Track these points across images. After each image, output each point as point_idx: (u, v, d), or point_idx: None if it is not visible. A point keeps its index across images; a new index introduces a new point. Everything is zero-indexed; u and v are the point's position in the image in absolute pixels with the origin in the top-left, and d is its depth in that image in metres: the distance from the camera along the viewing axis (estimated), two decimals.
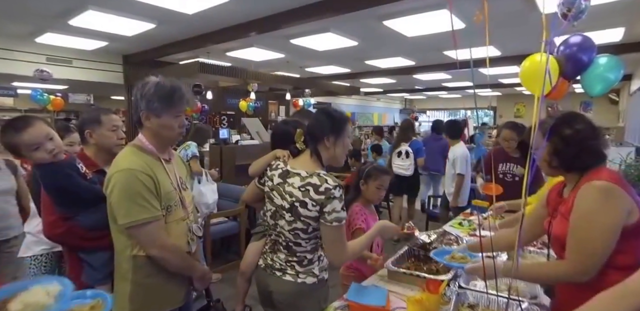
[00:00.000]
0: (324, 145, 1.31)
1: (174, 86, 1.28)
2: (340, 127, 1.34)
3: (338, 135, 1.32)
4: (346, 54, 6.69)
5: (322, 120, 1.33)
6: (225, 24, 5.07)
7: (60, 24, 4.82)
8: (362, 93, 11.76)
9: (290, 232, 1.27)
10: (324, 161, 1.34)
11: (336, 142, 1.32)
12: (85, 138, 1.58)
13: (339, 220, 1.20)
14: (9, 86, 7.37)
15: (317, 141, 1.31)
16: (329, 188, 1.19)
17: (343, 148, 1.35)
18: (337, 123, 1.33)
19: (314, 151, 1.31)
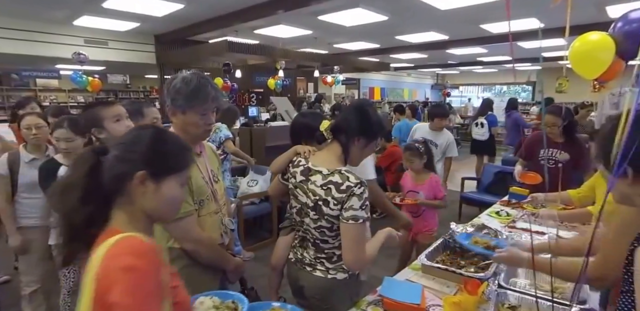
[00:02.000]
0: (354, 144, 1.27)
1: (200, 84, 1.23)
2: (375, 133, 1.29)
3: (369, 140, 1.28)
4: (375, 29, 6.41)
5: (358, 120, 1.27)
6: (253, 2, 4.96)
7: (95, 6, 4.90)
8: (392, 68, 11.34)
9: (316, 230, 1.26)
10: (351, 158, 1.30)
11: (366, 146, 1.28)
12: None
13: (356, 219, 1.14)
14: (53, 68, 7.70)
15: (349, 138, 1.26)
16: (351, 186, 1.16)
17: (368, 153, 1.31)
18: (372, 127, 1.27)
19: (344, 147, 1.26)
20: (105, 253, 0.65)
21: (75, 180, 0.72)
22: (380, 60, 9.82)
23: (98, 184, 0.72)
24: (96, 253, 0.67)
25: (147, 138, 0.77)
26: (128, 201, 0.74)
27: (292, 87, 10.17)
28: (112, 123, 1.53)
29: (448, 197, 5.11)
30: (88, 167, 0.73)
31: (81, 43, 6.19)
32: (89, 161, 0.74)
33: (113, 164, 0.73)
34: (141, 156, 0.74)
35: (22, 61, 6.94)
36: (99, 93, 9.30)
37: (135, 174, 0.72)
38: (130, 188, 0.73)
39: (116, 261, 0.64)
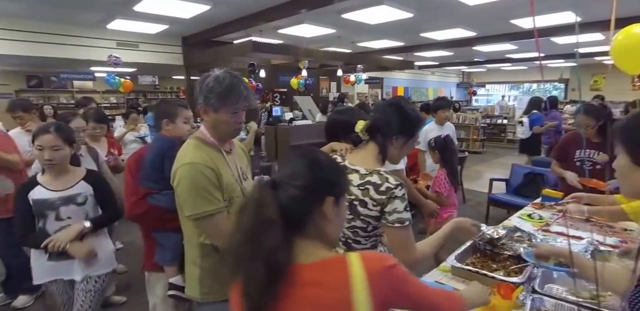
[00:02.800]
0: (392, 144, 1.25)
1: (233, 83, 1.25)
2: (413, 130, 1.26)
3: (408, 137, 1.25)
4: (400, 26, 6.32)
5: (396, 117, 1.24)
6: (277, 2, 5.00)
7: (127, 10, 5.09)
8: (416, 67, 11.14)
9: (349, 230, 1.25)
10: (388, 158, 1.28)
11: (405, 144, 1.25)
12: (161, 126, 1.68)
13: (402, 222, 1.13)
14: (88, 71, 8.08)
15: (386, 137, 1.24)
16: (391, 188, 1.13)
17: (407, 151, 1.28)
18: (411, 124, 1.25)
19: (382, 147, 1.24)
20: (364, 270, 0.68)
21: (270, 217, 0.68)
22: (404, 59, 9.67)
23: (286, 218, 0.70)
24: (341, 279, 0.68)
25: (332, 165, 0.80)
26: (314, 229, 0.75)
27: (315, 86, 10.19)
28: (181, 122, 1.66)
29: (475, 198, 5.03)
30: (276, 202, 0.70)
31: (114, 46, 6.45)
32: (271, 195, 0.71)
33: (301, 195, 0.72)
34: (328, 183, 0.76)
35: (60, 64, 7.31)
36: (129, 94, 9.66)
37: (325, 200, 0.74)
38: (315, 217, 0.74)
39: (378, 267, 0.70)
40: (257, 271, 0.66)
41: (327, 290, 0.68)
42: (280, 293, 0.67)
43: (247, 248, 0.67)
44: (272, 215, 0.68)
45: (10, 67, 8.59)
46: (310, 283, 0.69)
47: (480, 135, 9.33)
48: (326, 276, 0.70)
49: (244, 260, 0.68)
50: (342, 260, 0.71)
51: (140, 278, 2.90)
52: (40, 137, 1.58)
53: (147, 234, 1.67)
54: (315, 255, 0.73)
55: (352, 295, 0.67)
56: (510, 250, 1.52)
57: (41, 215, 1.63)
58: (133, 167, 1.65)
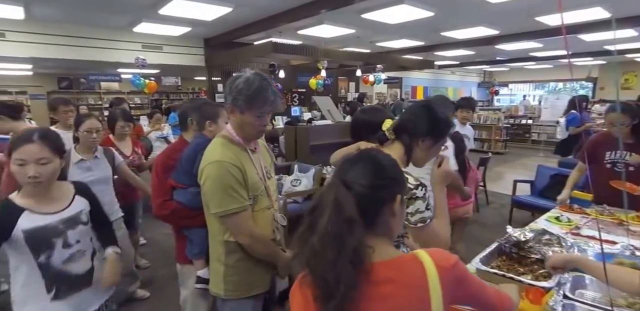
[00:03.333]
0: (418, 146, 1.23)
1: (262, 86, 1.26)
2: (442, 133, 1.24)
3: (436, 140, 1.23)
4: (420, 25, 6.24)
5: (425, 119, 1.22)
6: (297, 3, 5.04)
7: (153, 13, 5.24)
8: (436, 66, 10.98)
9: None
10: (412, 160, 1.25)
11: (432, 147, 1.23)
12: (204, 127, 1.71)
13: (424, 221, 1.13)
14: (115, 72, 8.37)
15: (412, 138, 1.22)
16: (410, 188, 1.12)
17: (433, 154, 1.26)
18: (440, 127, 1.22)
19: (407, 148, 1.22)
20: (436, 267, 0.71)
21: (352, 216, 0.69)
22: (423, 58, 9.55)
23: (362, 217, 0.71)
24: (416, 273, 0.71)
25: (393, 164, 0.82)
26: (384, 227, 0.77)
27: (333, 86, 10.19)
28: (223, 123, 1.68)
29: (498, 200, 4.90)
30: (352, 200, 0.72)
31: (139, 48, 6.66)
32: (349, 195, 0.72)
33: (375, 194, 0.75)
34: (396, 182, 0.79)
35: (89, 66, 7.60)
36: (153, 94, 9.94)
37: (396, 198, 0.77)
38: (386, 215, 0.76)
39: (447, 264, 0.72)
40: (346, 271, 0.66)
41: (405, 288, 0.69)
42: (360, 291, 0.67)
43: (331, 249, 0.67)
44: (353, 214, 0.69)
45: (43, 69, 9.01)
46: (387, 281, 0.70)
47: (503, 136, 9.09)
48: (402, 274, 0.71)
49: (329, 262, 0.67)
50: (414, 258, 0.73)
51: (162, 273, 3.01)
52: (21, 147, 1.21)
53: (177, 229, 1.72)
54: (386, 252, 0.74)
55: (429, 292, 0.68)
56: (538, 254, 1.47)
57: (47, 245, 1.27)
58: (159, 168, 1.69)
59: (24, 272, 1.27)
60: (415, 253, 0.74)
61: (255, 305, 1.42)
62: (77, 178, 2.04)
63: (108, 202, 2.26)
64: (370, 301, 0.68)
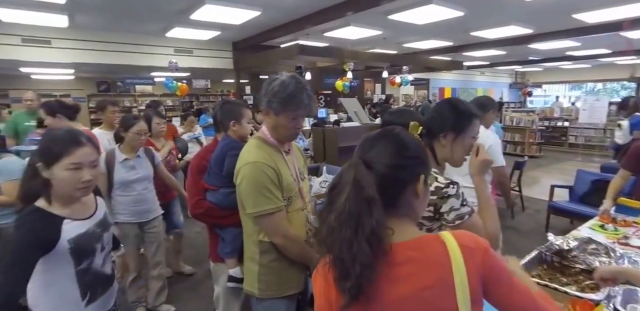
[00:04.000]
0: (440, 143, 1.20)
1: (297, 90, 1.27)
2: (462, 124, 1.19)
3: (458, 132, 1.19)
4: (449, 26, 6.11)
5: (443, 113, 1.20)
6: (323, 5, 5.07)
7: (184, 18, 5.44)
8: (465, 67, 10.70)
9: None
10: (439, 160, 1.23)
11: (455, 140, 1.19)
12: (228, 127, 1.73)
13: (462, 217, 1.10)
14: (149, 76, 8.75)
15: (432, 137, 1.20)
16: (440, 187, 1.10)
17: (463, 149, 1.21)
18: (459, 118, 1.19)
19: (428, 148, 1.20)
20: (460, 248, 0.68)
21: (372, 196, 0.67)
22: (452, 59, 9.33)
23: (382, 197, 0.69)
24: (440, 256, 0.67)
25: (416, 143, 0.79)
26: (406, 207, 0.75)
27: (359, 88, 10.16)
28: (246, 123, 1.73)
29: (533, 205, 4.69)
30: (372, 180, 0.70)
31: (171, 52, 6.93)
32: (369, 174, 0.70)
33: (397, 173, 0.73)
34: (419, 161, 0.77)
35: (126, 70, 7.99)
36: (184, 97, 10.29)
37: (420, 178, 0.75)
38: (408, 195, 0.74)
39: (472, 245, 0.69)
40: (362, 251, 0.64)
41: (427, 268, 0.67)
42: (379, 272, 0.65)
43: (348, 228, 0.66)
44: (373, 194, 0.67)
45: (84, 73, 9.55)
46: (408, 261, 0.68)
47: (537, 139, 8.71)
48: (424, 255, 0.69)
49: (345, 240, 0.65)
50: (437, 238, 0.70)
51: (195, 269, 3.07)
52: (76, 151, 1.12)
53: (211, 228, 1.77)
54: (409, 233, 0.72)
55: (452, 273, 0.66)
56: (583, 264, 1.38)
57: (90, 252, 1.23)
58: (194, 169, 1.75)
59: (59, 283, 1.17)
60: (439, 234, 0.71)
61: (289, 305, 1.42)
62: (122, 177, 2.17)
63: (151, 199, 2.35)
64: (391, 282, 0.66)
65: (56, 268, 1.15)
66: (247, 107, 1.81)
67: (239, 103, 1.88)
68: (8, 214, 2.08)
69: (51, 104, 2.75)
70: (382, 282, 0.66)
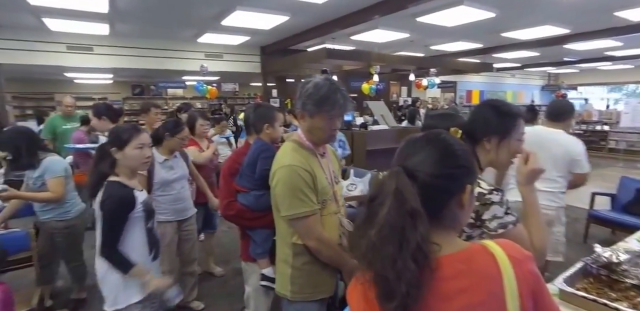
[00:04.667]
0: (483, 147, 1.15)
1: (331, 91, 1.26)
2: (506, 126, 1.14)
3: (503, 136, 1.13)
4: (480, 27, 5.98)
5: (484, 116, 1.14)
6: (351, 9, 5.10)
7: (215, 24, 5.63)
8: (495, 69, 10.42)
9: None
10: (483, 165, 1.18)
11: (500, 143, 1.13)
12: (261, 129, 1.75)
13: (505, 226, 1.04)
14: (180, 80, 9.09)
15: (474, 141, 1.15)
16: (483, 194, 1.05)
17: (508, 153, 1.15)
18: (503, 120, 1.13)
19: (472, 153, 1.15)
20: (509, 259, 0.65)
21: (416, 208, 0.62)
22: (481, 61, 9.10)
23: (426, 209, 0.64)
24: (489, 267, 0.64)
25: (465, 150, 0.72)
26: (450, 218, 0.70)
27: (385, 91, 10.09)
28: (278, 126, 1.75)
29: (571, 213, 4.47)
30: (415, 191, 0.64)
31: (202, 57, 7.16)
32: (411, 185, 0.65)
33: (443, 184, 0.68)
34: (467, 171, 0.71)
35: (159, 74, 8.34)
36: (213, 100, 10.60)
37: (467, 188, 0.69)
38: (453, 206, 0.69)
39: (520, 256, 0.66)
40: (407, 268, 0.59)
41: (477, 282, 0.63)
42: (427, 289, 0.61)
43: (391, 243, 0.61)
44: (417, 206, 0.62)
45: (120, 78, 10.04)
46: (457, 275, 0.64)
47: None
48: (473, 267, 0.64)
49: (388, 257, 0.61)
50: (484, 249, 0.67)
51: (223, 268, 3.14)
52: (139, 135, 1.56)
53: (243, 231, 1.80)
54: (454, 244, 0.68)
55: (503, 286, 0.62)
56: (635, 279, 1.29)
57: (152, 214, 1.63)
58: (227, 172, 1.78)
59: (136, 237, 1.55)
60: (484, 244, 0.67)
61: (320, 309, 1.42)
62: (163, 176, 2.27)
63: (188, 198, 2.44)
64: (440, 299, 0.62)
65: (134, 225, 1.54)
66: (279, 111, 1.83)
67: (272, 106, 1.90)
68: (51, 209, 2.24)
69: (99, 107, 2.92)
70: (430, 299, 0.62)
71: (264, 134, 1.75)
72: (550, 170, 2.16)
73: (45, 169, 2.15)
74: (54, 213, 2.25)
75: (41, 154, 2.19)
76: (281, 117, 1.82)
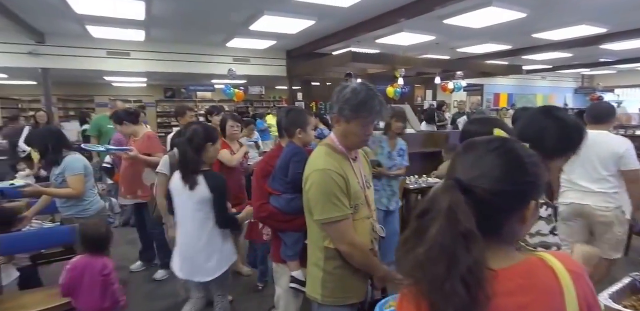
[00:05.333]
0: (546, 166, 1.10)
1: (368, 96, 1.26)
2: (574, 145, 1.05)
3: (569, 156, 1.06)
4: (509, 28, 5.86)
5: (550, 130, 1.04)
6: (377, 13, 5.13)
7: (244, 29, 5.82)
8: (525, 72, 10.12)
9: None
10: None
11: (560, 162, 1.07)
12: (294, 134, 1.75)
13: (547, 246, 0.98)
14: (209, 83, 9.42)
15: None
16: None
17: (558, 169, 1.17)
18: (572, 139, 1.04)
19: None
20: (568, 272, 0.61)
21: (470, 229, 0.57)
22: (510, 63, 8.87)
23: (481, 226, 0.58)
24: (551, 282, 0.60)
25: (536, 162, 0.63)
26: (509, 234, 0.64)
27: (410, 94, 10.01)
28: (310, 130, 1.76)
29: None
30: (471, 210, 0.58)
31: (231, 61, 7.41)
32: (465, 202, 0.58)
33: (503, 202, 0.60)
34: (533, 186, 0.63)
35: (189, 78, 8.68)
36: (240, 103, 10.89)
37: (531, 204, 0.62)
38: (513, 222, 0.63)
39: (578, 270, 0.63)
40: (457, 294, 0.54)
41: (539, 297, 0.59)
42: (484, 308, 0.56)
43: (440, 264, 0.56)
44: (471, 227, 0.56)
45: (154, 81, 10.53)
46: (517, 291, 0.59)
47: None
48: (535, 283, 0.60)
49: (436, 279, 0.56)
50: (543, 263, 0.62)
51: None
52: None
53: (275, 233, 1.82)
54: (510, 258, 0.63)
55: (565, 302, 0.59)
56: None
57: None
58: (259, 174, 1.80)
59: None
60: (542, 257, 0.62)
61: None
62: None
63: None
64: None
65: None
66: (311, 115, 1.84)
67: (304, 111, 1.90)
68: (71, 206, 2.36)
69: (119, 114, 3.06)
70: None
71: (297, 139, 1.75)
72: (599, 170, 2.23)
73: (66, 167, 2.28)
74: (74, 210, 2.37)
75: (65, 153, 2.32)
76: (313, 121, 1.82)
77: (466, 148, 0.66)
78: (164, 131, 10.51)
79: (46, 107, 6.24)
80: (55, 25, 5.54)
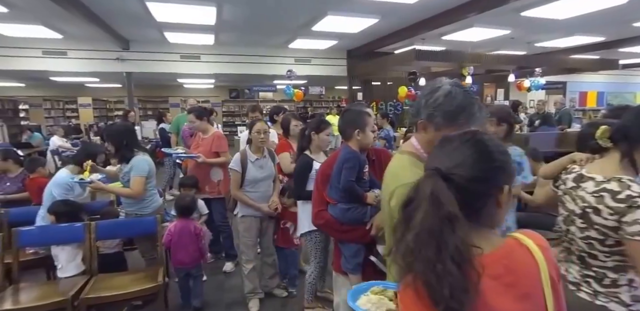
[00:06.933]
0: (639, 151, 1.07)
1: (466, 102, 1.04)
2: None
3: None
4: (602, 17, 5.13)
5: None
6: (445, 8, 4.84)
7: (306, 30, 5.89)
8: (620, 66, 8.80)
9: (582, 240, 1.13)
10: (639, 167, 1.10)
11: None
12: (351, 136, 1.61)
13: None
14: (271, 84, 9.77)
15: (633, 144, 1.08)
16: (632, 196, 1.00)
17: None
18: None
19: (626, 155, 1.08)
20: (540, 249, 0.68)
21: (453, 212, 0.61)
22: (601, 57, 7.78)
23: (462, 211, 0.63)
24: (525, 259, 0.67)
25: (502, 150, 0.70)
26: (486, 218, 0.70)
27: (478, 93, 9.34)
28: (369, 131, 1.61)
29: None
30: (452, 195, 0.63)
31: (292, 62, 7.57)
32: (446, 188, 0.64)
33: (479, 187, 0.66)
34: (503, 172, 0.69)
35: (252, 79, 9.07)
36: (299, 102, 11.12)
37: (504, 188, 0.68)
38: (490, 206, 0.69)
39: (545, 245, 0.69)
40: (449, 272, 0.59)
41: (522, 273, 0.66)
42: (475, 290, 0.60)
43: (429, 247, 0.60)
44: (454, 210, 0.61)
45: (220, 82, 11.23)
46: (503, 272, 0.65)
47: None
48: (516, 261, 0.67)
49: (426, 261, 0.60)
50: (517, 242, 0.69)
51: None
52: (327, 127, 2.26)
53: (335, 243, 1.74)
54: (491, 242, 0.68)
55: (541, 277, 0.66)
56: None
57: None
58: (320, 178, 1.73)
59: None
60: (516, 237, 0.70)
61: None
62: (253, 174, 2.41)
63: (269, 198, 2.48)
64: (490, 296, 0.62)
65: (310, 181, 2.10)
66: (369, 114, 1.66)
67: (361, 110, 1.68)
68: (132, 203, 2.46)
69: (201, 110, 3.21)
70: (483, 298, 0.61)
71: (354, 141, 1.60)
72: None
73: (133, 166, 2.37)
74: (135, 207, 2.47)
75: (136, 151, 2.43)
76: (372, 121, 1.65)
77: (443, 142, 0.74)
78: (228, 129, 11.17)
79: (129, 107, 6.97)
80: (138, 32, 6.15)
